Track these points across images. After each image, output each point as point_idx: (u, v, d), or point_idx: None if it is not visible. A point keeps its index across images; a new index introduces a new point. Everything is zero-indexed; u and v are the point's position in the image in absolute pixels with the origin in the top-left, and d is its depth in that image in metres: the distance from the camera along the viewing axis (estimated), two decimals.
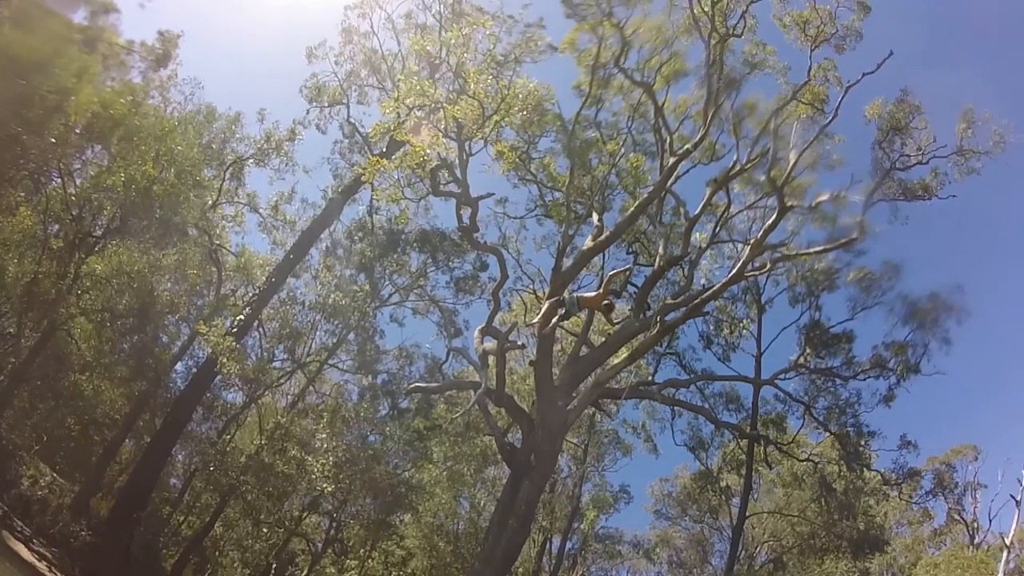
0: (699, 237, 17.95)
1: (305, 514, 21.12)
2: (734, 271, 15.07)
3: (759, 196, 17.95)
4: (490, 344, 12.74)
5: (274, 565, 24.48)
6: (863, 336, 19.29)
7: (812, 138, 15.82)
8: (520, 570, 24.96)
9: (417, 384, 16.65)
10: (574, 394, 13.41)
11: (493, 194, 13.14)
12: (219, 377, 18.43)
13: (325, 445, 17.29)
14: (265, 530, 20.83)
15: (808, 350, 19.03)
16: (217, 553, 24.48)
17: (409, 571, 22.65)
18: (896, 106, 15.29)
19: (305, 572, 22.97)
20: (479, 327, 13.23)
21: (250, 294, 19.82)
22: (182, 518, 22.27)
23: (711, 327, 20.25)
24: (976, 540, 43.84)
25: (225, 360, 15.62)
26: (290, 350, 20.27)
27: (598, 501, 25.25)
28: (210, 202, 20.43)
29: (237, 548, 23.86)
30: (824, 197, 15.78)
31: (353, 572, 24.17)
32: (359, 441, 18.39)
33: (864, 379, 19.23)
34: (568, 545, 25.71)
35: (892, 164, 16.29)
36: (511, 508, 13.03)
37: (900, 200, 16.73)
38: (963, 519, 47.73)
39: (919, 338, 18.40)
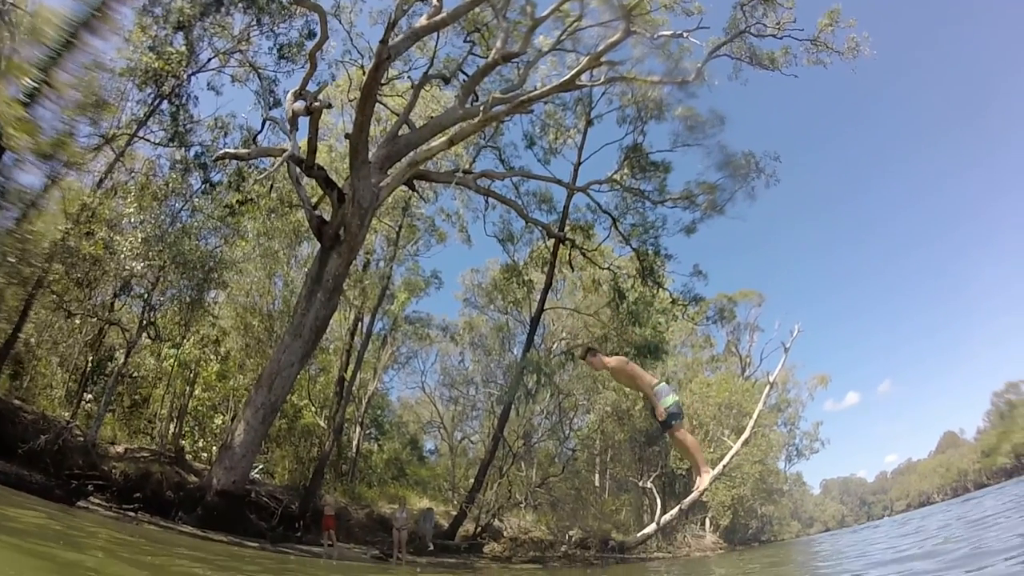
0: (542, 41, 17.71)
1: (118, 300, 20.04)
2: (567, 77, 15.26)
3: (613, 17, 17.88)
4: (299, 105, 12.06)
5: (91, 360, 23.42)
6: (679, 170, 21.03)
7: None
8: (332, 347, 26.15)
9: (226, 151, 15.53)
10: (389, 172, 13.39)
11: None
12: (10, 156, 15.84)
13: (133, 221, 16.08)
14: (78, 321, 19.74)
15: (626, 169, 20.46)
16: (32, 358, 22.80)
17: (224, 350, 22.74)
18: None
19: (122, 362, 22.28)
20: (292, 89, 12.38)
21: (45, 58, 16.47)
22: None
23: (536, 129, 20.80)
24: (746, 373, 53.71)
25: (12, 131, 13.35)
26: (95, 123, 17.68)
27: (409, 284, 25.96)
28: None
29: (53, 351, 22.38)
30: (667, 33, 16.21)
31: (171, 360, 23.86)
32: (169, 217, 17.22)
33: (672, 207, 21.42)
34: (379, 326, 26.74)
35: (747, 27, 17.01)
36: (319, 281, 13.34)
37: (745, 62, 17.80)
38: (738, 353, 57.87)
39: (729, 185, 20.70)
